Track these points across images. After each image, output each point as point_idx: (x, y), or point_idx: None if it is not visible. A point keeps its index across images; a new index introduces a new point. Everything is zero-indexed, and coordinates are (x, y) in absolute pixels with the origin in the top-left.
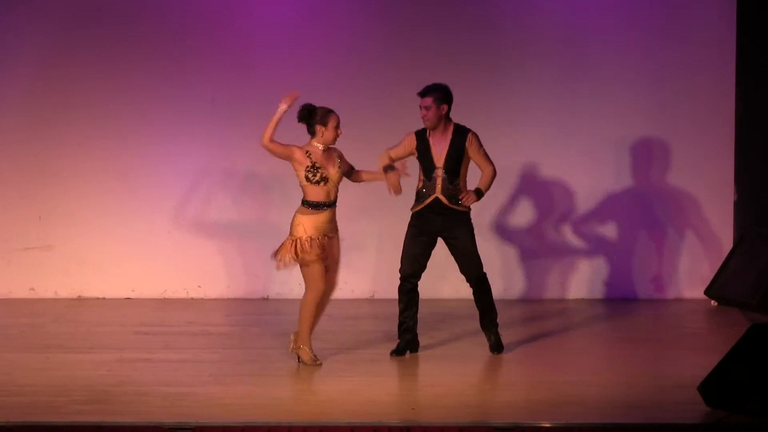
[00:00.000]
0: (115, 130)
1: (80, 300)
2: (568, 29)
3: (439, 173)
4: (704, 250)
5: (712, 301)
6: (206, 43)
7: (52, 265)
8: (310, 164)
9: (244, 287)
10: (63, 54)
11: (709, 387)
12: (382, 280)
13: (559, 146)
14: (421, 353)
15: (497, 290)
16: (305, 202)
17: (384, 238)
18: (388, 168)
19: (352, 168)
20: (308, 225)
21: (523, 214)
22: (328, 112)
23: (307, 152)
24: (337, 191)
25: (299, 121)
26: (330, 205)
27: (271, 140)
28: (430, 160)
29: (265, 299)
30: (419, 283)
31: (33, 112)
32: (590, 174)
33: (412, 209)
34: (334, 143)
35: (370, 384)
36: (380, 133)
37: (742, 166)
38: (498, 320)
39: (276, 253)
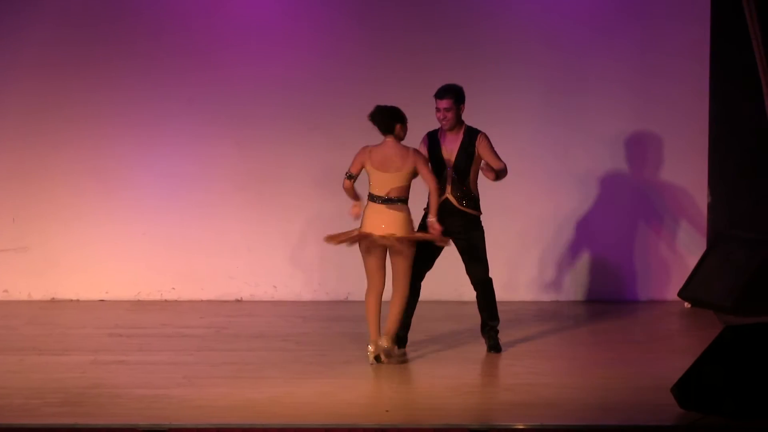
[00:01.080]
0: (89, 131)
1: (54, 302)
2: (549, 33)
3: (449, 173)
4: (678, 253)
5: (686, 303)
6: (182, 43)
7: (26, 267)
8: None
9: (217, 289)
10: (36, 55)
11: (683, 389)
12: (356, 282)
13: (534, 149)
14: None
15: (471, 292)
16: None
17: None
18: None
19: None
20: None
21: (498, 217)
22: None
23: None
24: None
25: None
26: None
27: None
28: (440, 160)
29: (239, 301)
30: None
31: (6, 113)
32: (564, 178)
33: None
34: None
35: (345, 386)
36: (357, 133)
37: (716, 169)
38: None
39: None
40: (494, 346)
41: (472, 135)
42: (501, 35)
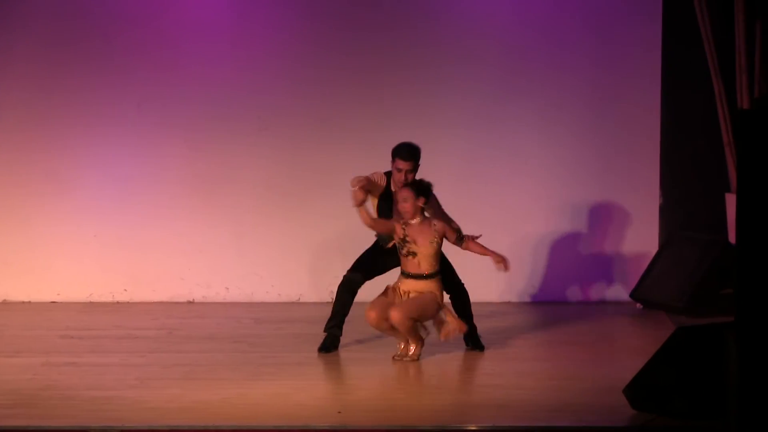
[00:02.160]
0: (41, 133)
1: (5, 304)
2: (495, 40)
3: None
4: (631, 253)
5: (638, 304)
6: (133, 43)
7: None
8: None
9: (169, 291)
10: None
11: (635, 389)
12: (308, 283)
13: (485, 149)
14: (347, 356)
15: None
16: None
17: (310, 241)
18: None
19: (459, 236)
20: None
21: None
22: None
23: (403, 224)
24: (429, 264)
25: None
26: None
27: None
28: (389, 209)
29: (191, 303)
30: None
31: None
32: (517, 178)
33: (381, 241)
34: (403, 216)
35: (297, 387)
36: (307, 133)
37: (668, 171)
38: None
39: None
40: (481, 345)
41: None
42: (450, 36)
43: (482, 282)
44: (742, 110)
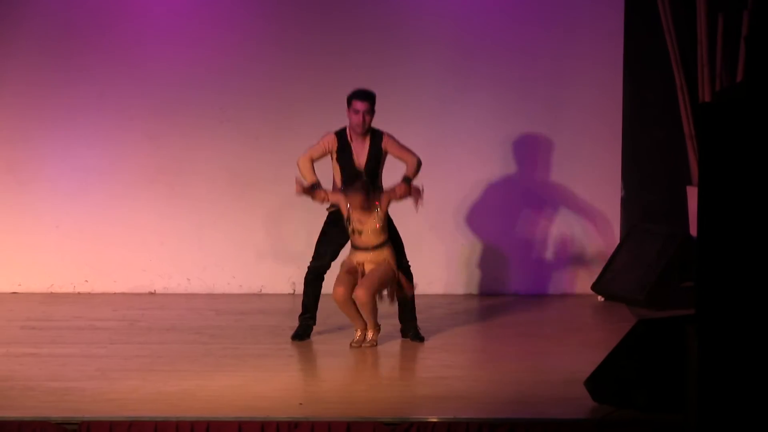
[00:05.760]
0: (1, 124)
1: None
2: (456, 26)
3: (363, 177)
4: (592, 246)
5: (599, 297)
6: (95, 37)
7: None
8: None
9: (130, 282)
10: None
11: (597, 382)
12: (270, 275)
13: (445, 143)
14: (308, 348)
15: None
16: None
17: (271, 233)
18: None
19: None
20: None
21: (408, 212)
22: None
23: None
24: (375, 237)
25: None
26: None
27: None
28: (352, 165)
29: (152, 294)
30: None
31: None
32: (477, 171)
33: (329, 209)
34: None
35: (257, 379)
36: (268, 125)
37: (629, 163)
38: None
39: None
40: (419, 336)
41: (377, 136)
42: (411, 23)
43: (443, 274)
44: (704, 103)
